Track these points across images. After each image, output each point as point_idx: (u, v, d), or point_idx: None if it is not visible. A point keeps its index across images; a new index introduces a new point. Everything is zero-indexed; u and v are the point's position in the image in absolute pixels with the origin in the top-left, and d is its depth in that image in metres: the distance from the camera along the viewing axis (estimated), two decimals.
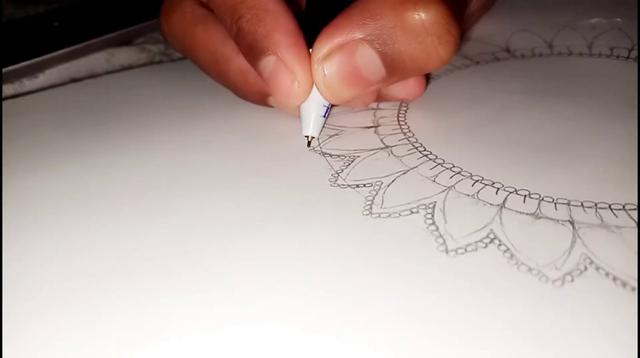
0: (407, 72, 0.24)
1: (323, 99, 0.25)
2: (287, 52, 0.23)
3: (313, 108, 0.25)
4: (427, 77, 0.30)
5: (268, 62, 0.24)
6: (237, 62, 0.26)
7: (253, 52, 0.24)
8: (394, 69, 0.23)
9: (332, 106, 0.26)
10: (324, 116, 0.25)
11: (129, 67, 0.37)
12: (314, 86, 0.24)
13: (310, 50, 0.24)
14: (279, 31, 0.23)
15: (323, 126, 0.26)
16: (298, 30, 0.24)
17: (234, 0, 0.24)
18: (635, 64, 0.29)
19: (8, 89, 0.34)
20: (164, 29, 0.29)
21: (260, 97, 0.27)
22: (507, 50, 0.33)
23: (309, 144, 0.26)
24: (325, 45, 0.23)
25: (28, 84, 0.35)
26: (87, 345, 0.17)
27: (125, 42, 0.40)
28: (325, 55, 0.23)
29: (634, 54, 0.30)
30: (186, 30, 0.28)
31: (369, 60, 0.23)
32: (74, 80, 0.35)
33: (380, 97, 0.28)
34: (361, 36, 0.23)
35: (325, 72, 0.23)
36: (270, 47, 0.23)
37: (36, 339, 0.17)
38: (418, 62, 0.23)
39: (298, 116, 0.26)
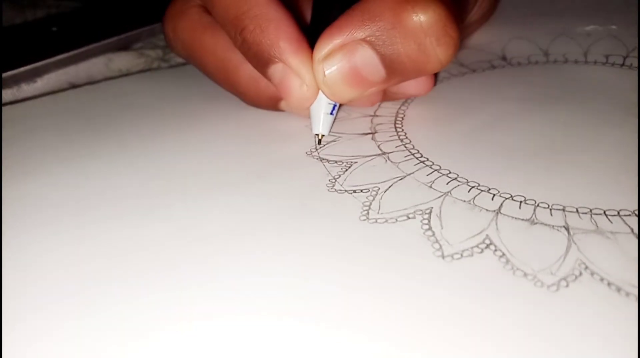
0: (407, 74, 0.24)
1: (327, 107, 0.25)
2: (292, 58, 0.24)
3: (322, 107, 0.26)
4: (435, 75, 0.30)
5: (276, 70, 0.24)
6: (247, 70, 0.27)
7: (261, 62, 0.25)
8: (394, 70, 0.24)
9: (340, 104, 0.27)
10: (332, 114, 0.26)
11: (128, 72, 0.37)
12: None
13: None
14: (283, 39, 0.24)
15: (332, 124, 0.27)
16: (301, 36, 0.24)
17: (236, 12, 0.25)
18: (630, 71, 0.30)
19: (6, 94, 0.34)
20: (168, 35, 0.29)
21: (272, 103, 0.28)
22: (504, 58, 0.33)
23: (319, 142, 0.26)
24: (325, 45, 0.23)
25: (26, 88, 0.35)
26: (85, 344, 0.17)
27: (124, 47, 0.40)
28: (325, 55, 0.23)
29: (629, 61, 0.30)
30: (193, 37, 0.28)
31: (368, 60, 0.23)
32: (73, 85, 0.35)
33: (388, 96, 0.29)
34: (361, 37, 0.23)
35: (325, 72, 0.24)
36: (277, 56, 0.24)
37: (35, 338, 0.17)
38: (417, 64, 0.23)
39: (308, 117, 0.26)
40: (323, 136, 0.26)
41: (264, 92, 0.27)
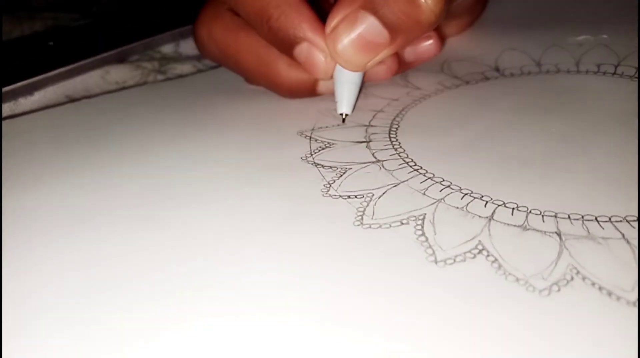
0: (408, 31, 0.27)
1: (349, 75, 0.28)
2: (314, 36, 0.27)
3: (345, 86, 0.28)
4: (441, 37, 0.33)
5: (301, 49, 0.28)
6: (285, 60, 0.30)
7: (287, 45, 0.28)
8: (394, 28, 0.26)
9: (363, 83, 0.29)
10: (355, 91, 0.29)
11: (124, 84, 0.37)
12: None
13: None
14: (304, 21, 0.27)
15: (355, 105, 0.29)
16: (318, 17, 0.27)
17: (260, 4, 0.27)
18: (622, 80, 0.30)
19: (4, 108, 0.34)
20: (202, 38, 0.32)
21: (310, 87, 0.31)
22: (497, 69, 0.33)
23: (343, 121, 0.29)
24: (332, 20, 0.26)
25: (23, 102, 0.35)
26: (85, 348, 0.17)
27: (120, 60, 0.40)
28: (333, 28, 0.26)
29: (620, 69, 0.31)
30: (228, 37, 0.30)
31: (369, 25, 0.26)
32: (70, 98, 0.36)
33: (405, 65, 0.32)
34: (359, 5, 0.26)
35: (336, 42, 0.26)
36: (300, 36, 0.27)
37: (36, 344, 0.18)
38: (412, 17, 0.26)
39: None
40: (347, 115, 0.29)
41: (302, 79, 0.30)
